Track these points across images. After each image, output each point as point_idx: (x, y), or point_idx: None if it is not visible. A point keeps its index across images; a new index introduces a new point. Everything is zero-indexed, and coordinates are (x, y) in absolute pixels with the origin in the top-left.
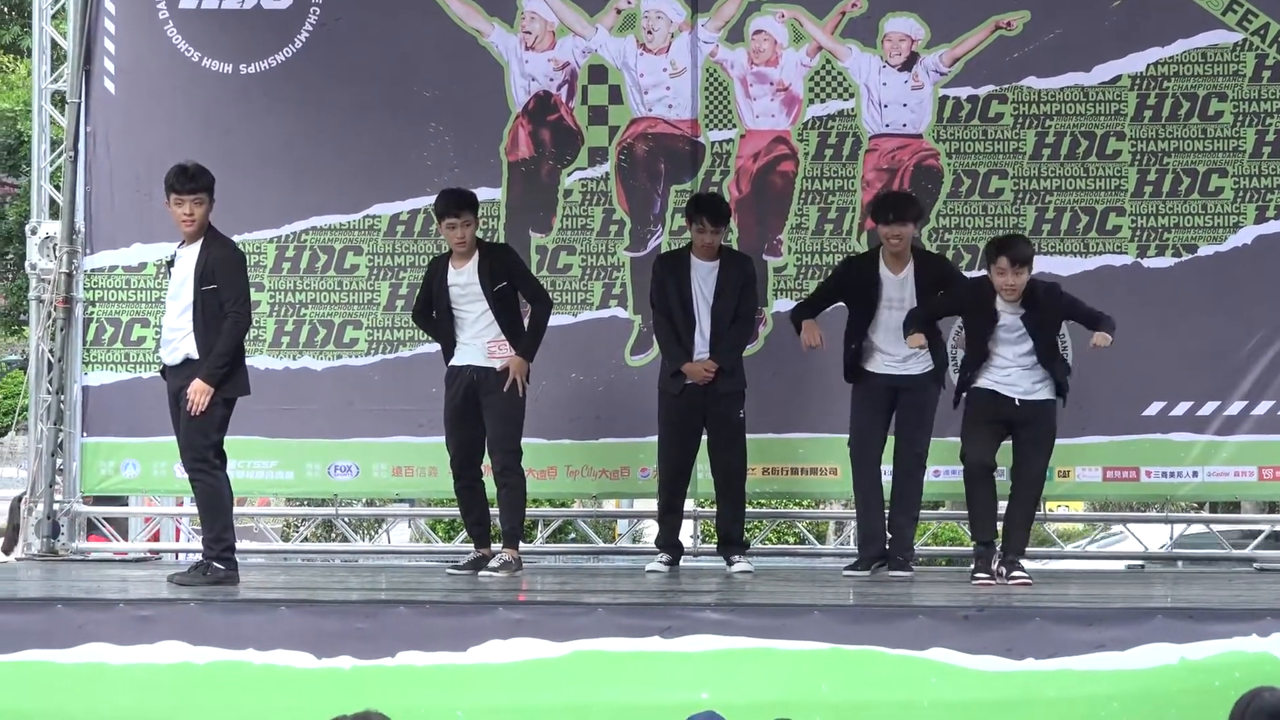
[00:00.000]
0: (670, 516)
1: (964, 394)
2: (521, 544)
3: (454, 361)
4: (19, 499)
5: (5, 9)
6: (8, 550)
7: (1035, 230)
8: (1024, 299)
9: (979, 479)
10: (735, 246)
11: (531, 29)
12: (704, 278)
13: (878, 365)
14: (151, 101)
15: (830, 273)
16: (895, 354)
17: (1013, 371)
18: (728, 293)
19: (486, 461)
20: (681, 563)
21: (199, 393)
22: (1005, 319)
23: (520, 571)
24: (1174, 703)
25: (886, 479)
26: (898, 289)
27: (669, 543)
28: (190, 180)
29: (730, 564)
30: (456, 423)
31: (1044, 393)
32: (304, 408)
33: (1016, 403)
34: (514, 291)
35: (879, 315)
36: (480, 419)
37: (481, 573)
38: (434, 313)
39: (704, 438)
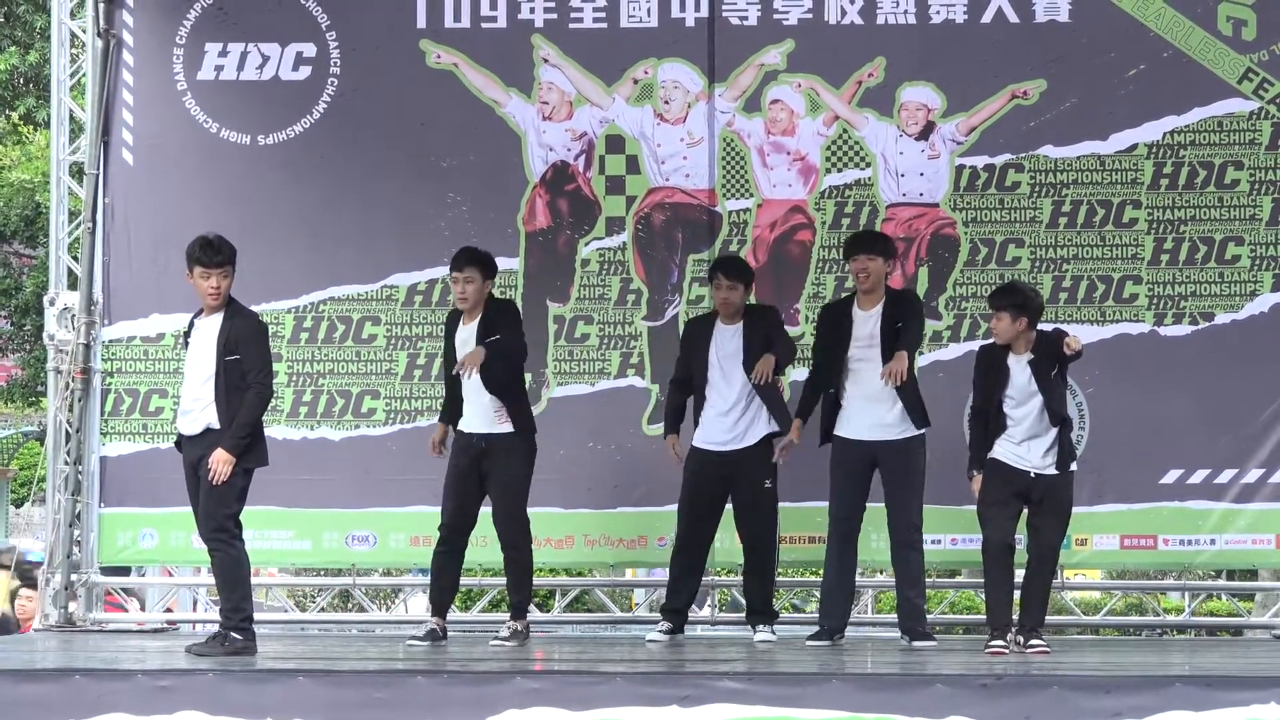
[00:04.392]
0: (679, 584)
1: (976, 469)
2: (539, 613)
3: (463, 427)
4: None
5: (20, 80)
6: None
7: (1052, 299)
8: (1033, 348)
9: (998, 558)
10: None
11: (549, 99)
12: (727, 341)
13: (855, 429)
14: (170, 173)
15: (816, 331)
16: (871, 413)
17: (1026, 444)
18: (757, 348)
19: (477, 533)
20: (701, 631)
21: (221, 462)
22: (1016, 376)
23: (528, 640)
24: None
25: (882, 547)
26: (865, 325)
27: (673, 610)
28: (216, 253)
29: (755, 631)
30: (456, 487)
31: (1056, 466)
32: (321, 478)
33: (1032, 475)
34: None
35: (849, 359)
36: (480, 489)
37: (492, 642)
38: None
39: (729, 507)
